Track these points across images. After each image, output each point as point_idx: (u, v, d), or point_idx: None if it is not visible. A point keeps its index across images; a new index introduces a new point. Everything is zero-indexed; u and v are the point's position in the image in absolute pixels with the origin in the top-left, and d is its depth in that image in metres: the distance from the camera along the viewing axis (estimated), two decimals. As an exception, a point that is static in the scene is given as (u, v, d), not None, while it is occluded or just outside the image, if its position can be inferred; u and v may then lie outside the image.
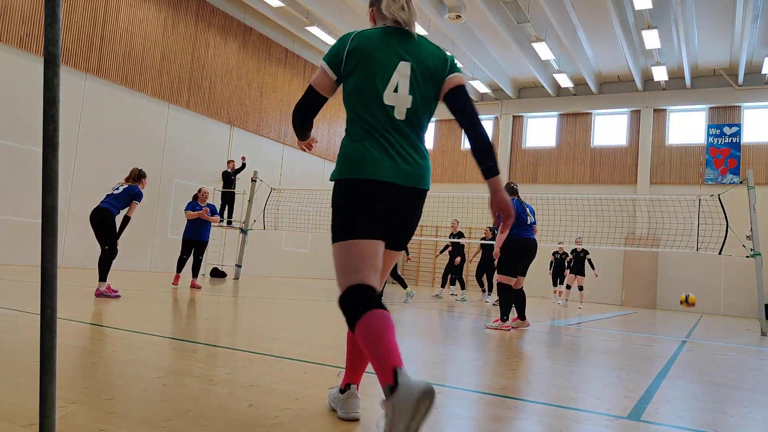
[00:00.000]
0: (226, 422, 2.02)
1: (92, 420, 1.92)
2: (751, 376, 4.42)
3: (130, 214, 6.55)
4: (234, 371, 2.95)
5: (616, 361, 4.70)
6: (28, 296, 5.89)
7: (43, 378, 1.43)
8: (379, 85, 2.07)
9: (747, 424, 2.70)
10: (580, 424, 2.46)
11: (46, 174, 1.44)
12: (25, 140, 11.47)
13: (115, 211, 6.56)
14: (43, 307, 1.43)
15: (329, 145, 20.73)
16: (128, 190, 6.59)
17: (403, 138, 2.07)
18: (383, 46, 2.11)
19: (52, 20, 1.44)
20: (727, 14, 15.13)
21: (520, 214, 6.32)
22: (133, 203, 6.57)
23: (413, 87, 2.08)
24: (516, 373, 3.73)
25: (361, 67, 2.10)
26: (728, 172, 18.80)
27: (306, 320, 6.22)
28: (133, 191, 6.58)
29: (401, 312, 8.05)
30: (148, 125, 14.13)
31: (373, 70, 2.08)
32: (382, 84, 2.07)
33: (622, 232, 17.69)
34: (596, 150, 20.98)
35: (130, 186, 6.64)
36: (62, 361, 2.74)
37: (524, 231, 6.30)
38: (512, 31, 16.28)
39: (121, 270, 12.80)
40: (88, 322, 4.33)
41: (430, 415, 1.61)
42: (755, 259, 9.06)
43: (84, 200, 12.64)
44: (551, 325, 7.96)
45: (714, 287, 18.48)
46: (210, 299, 7.64)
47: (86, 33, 12.68)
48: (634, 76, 18.67)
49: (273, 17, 16.23)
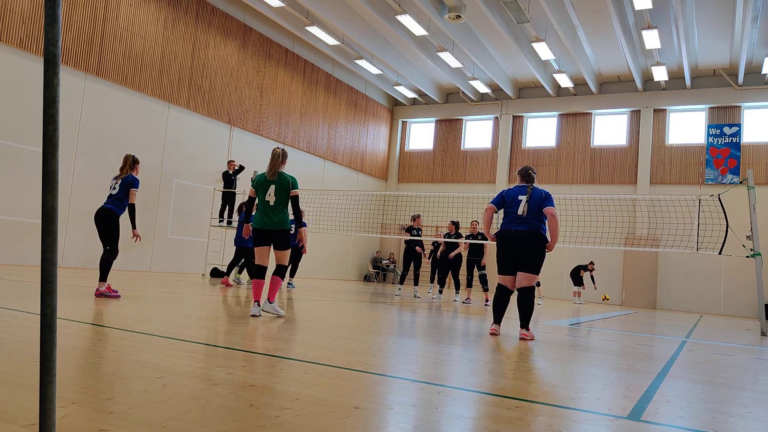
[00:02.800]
0: (226, 422, 2.02)
1: (92, 420, 1.92)
2: (751, 376, 4.42)
3: (132, 202, 6.49)
4: (234, 371, 2.95)
5: (616, 361, 4.70)
6: (28, 296, 5.89)
7: (43, 378, 1.42)
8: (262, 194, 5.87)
9: (747, 424, 2.70)
10: (580, 424, 2.46)
11: (46, 174, 1.44)
12: (25, 140, 11.47)
13: (119, 211, 6.51)
14: (43, 307, 1.43)
15: (329, 145, 20.74)
16: (123, 182, 6.51)
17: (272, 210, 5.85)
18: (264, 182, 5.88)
19: (52, 20, 1.44)
20: (727, 14, 15.14)
21: (508, 204, 5.78)
22: (132, 191, 6.49)
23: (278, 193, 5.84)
24: (516, 373, 3.73)
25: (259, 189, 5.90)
26: (728, 172, 18.81)
27: (306, 320, 6.21)
28: (128, 181, 6.50)
29: (399, 312, 8.04)
30: (148, 125, 14.13)
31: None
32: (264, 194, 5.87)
33: (622, 232, 17.70)
34: (596, 150, 20.98)
35: (124, 177, 6.56)
36: (62, 361, 2.74)
37: (508, 223, 5.71)
38: (512, 31, 16.27)
39: (121, 270, 12.79)
40: (88, 322, 4.33)
41: (430, 415, 1.60)
42: (755, 259, 9.06)
43: (84, 200, 12.65)
44: (551, 325, 7.95)
45: (714, 287, 18.48)
46: (210, 299, 7.64)
47: (86, 33, 12.68)
48: (634, 76, 18.67)
49: (273, 17, 16.23)
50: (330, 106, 20.70)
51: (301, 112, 19.19)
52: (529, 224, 5.62)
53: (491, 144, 22.84)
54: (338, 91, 21.04)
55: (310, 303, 8.48)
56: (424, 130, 24.54)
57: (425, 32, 16.16)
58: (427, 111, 24.01)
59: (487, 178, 22.46)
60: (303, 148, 19.38)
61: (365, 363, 3.57)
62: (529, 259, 5.59)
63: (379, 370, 3.41)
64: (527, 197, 5.70)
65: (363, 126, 22.63)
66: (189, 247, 15.36)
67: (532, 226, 5.61)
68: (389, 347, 4.42)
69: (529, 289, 5.61)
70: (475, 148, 23.12)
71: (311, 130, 19.76)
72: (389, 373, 3.38)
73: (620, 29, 15.26)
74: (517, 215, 5.69)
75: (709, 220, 10.53)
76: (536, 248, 5.60)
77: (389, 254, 23.60)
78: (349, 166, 21.88)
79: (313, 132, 19.88)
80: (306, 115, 19.44)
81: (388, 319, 6.83)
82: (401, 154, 24.58)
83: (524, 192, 5.76)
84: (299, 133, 19.17)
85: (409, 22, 15.51)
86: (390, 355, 4.06)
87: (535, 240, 5.58)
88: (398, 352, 4.27)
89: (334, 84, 20.76)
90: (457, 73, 20.22)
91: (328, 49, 18.55)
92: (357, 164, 22.38)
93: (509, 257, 5.66)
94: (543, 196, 5.70)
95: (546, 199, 5.69)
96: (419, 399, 2.71)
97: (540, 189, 5.80)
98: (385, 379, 3.14)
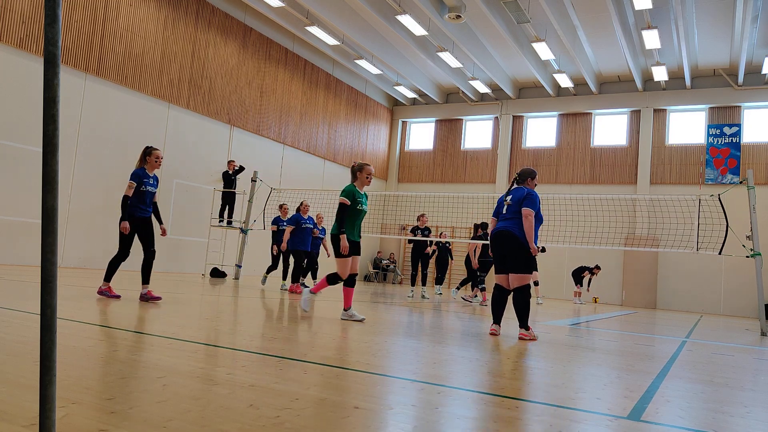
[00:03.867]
0: (226, 422, 2.02)
1: (92, 420, 1.92)
2: (751, 376, 4.42)
3: (125, 193, 6.24)
4: (234, 371, 2.95)
5: (616, 361, 4.70)
6: (28, 296, 5.89)
7: (43, 378, 1.43)
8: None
9: (747, 424, 2.70)
10: (580, 424, 2.46)
11: (46, 174, 1.44)
12: (25, 140, 11.47)
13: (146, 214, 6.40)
14: (43, 307, 1.43)
15: (329, 145, 20.74)
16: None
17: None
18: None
19: (52, 20, 1.44)
20: (727, 14, 15.14)
21: (499, 205, 5.92)
22: (128, 183, 6.26)
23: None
24: (516, 373, 3.73)
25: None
26: (728, 172, 18.81)
27: (306, 320, 6.22)
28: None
29: (395, 312, 8.05)
30: (148, 125, 14.13)
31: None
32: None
33: (622, 232, 17.70)
34: (596, 150, 20.98)
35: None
36: (62, 361, 2.74)
37: (497, 223, 5.84)
38: (512, 31, 16.28)
39: (121, 270, 12.78)
40: (88, 322, 4.33)
41: (430, 415, 1.60)
42: (755, 259, 9.06)
43: (84, 200, 12.65)
44: (551, 325, 7.95)
45: (714, 287, 18.48)
46: (210, 299, 7.64)
47: (86, 33, 12.68)
48: (634, 76, 18.67)
49: (273, 17, 16.23)
50: (330, 106, 20.69)
51: (301, 112, 19.19)
52: (510, 223, 5.67)
53: (491, 144, 22.83)
54: (338, 91, 21.04)
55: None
56: (424, 130, 24.54)
57: (425, 32, 16.16)
58: (427, 111, 24.01)
59: (487, 178, 22.46)
60: (303, 148, 19.38)
61: (365, 363, 3.57)
62: (515, 259, 5.61)
63: (379, 370, 3.41)
64: (510, 197, 5.80)
65: (363, 126, 22.63)
66: (189, 247, 15.36)
67: (511, 226, 5.65)
68: (389, 347, 4.42)
69: (520, 289, 5.61)
70: (475, 148, 23.12)
71: (311, 130, 19.76)
72: (389, 373, 3.37)
73: (620, 29, 15.26)
74: (503, 215, 5.81)
75: (709, 220, 10.53)
76: (516, 248, 5.60)
77: (389, 254, 23.60)
78: (349, 166, 21.86)
79: (313, 132, 19.88)
80: (306, 115, 19.44)
81: (388, 319, 6.83)
82: (401, 154, 24.58)
83: (510, 193, 5.88)
84: (299, 133, 19.18)
85: (409, 22, 15.51)
86: (390, 355, 4.06)
87: (513, 240, 5.60)
88: (398, 352, 4.27)
89: (334, 84, 20.76)
90: (457, 73, 20.21)
91: (328, 49, 18.55)
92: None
93: (498, 256, 5.77)
94: (523, 196, 5.71)
95: (526, 198, 5.68)
96: (419, 399, 2.71)
97: (524, 189, 5.80)
98: (385, 379, 3.14)
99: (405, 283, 22.46)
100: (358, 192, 6.12)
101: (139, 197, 6.32)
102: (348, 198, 6.02)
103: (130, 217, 6.29)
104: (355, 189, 6.10)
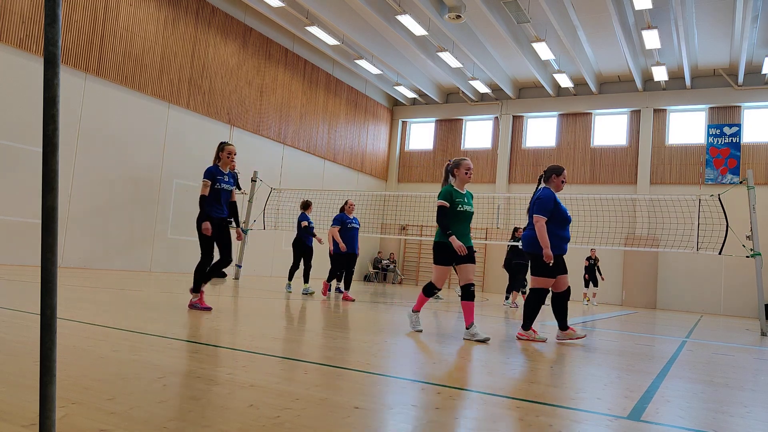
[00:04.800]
0: (226, 422, 2.02)
1: (92, 420, 1.92)
2: (751, 376, 4.42)
3: (201, 193, 5.93)
4: (234, 371, 2.95)
5: (616, 361, 4.70)
6: (28, 296, 5.89)
7: (43, 378, 1.43)
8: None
9: (747, 424, 2.70)
10: (580, 424, 2.46)
11: (46, 174, 1.44)
12: (25, 140, 11.46)
13: (222, 214, 6.07)
14: (43, 307, 1.43)
15: (329, 145, 20.73)
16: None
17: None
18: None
19: (52, 20, 1.44)
20: (727, 14, 15.13)
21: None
22: (202, 182, 5.98)
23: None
24: (516, 373, 3.73)
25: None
26: (728, 172, 18.80)
27: (306, 320, 6.21)
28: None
29: (393, 312, 8.04)
30: (148, 125, 14.12)
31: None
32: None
33: (622, 232, 17.69)
34: (596, 150, 20.98)
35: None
36: (62, 361, 2.74)
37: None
38: (512, 31, 16.27)
39: (121, 270, 12.80)
40: (88, 322, 4.33)
41: (430, 415, 1.60)
42: (755, 259, 9.06)
43: (84, 200, 12.65)
44: (551, 325, 7.95)
45: (714, 287, 18.48)
46: (210, 299, 7.64)
47: (86, 33, 12.68)
48: (634, 76, 18.67)
49: (273, 17, 16.23)
50: (330, 106, 20.69)
51: (301, 112, 19.19)
52: (528, 231, 5.68)
53: (491, 144, 22.83)
54: (338, 91, 21.04)
55: (311, 303, 8.48)
56: (424, 130, 24.54)
57: (425, 32, 16.16)
58: (427, 111, 24.01)
59: (487, 178, 22.46)
60: (303, 148, 19.37)
61: (365, 363, 3.57)
62: (532, 262, 5.63)
63: (379, 370, 3.41)
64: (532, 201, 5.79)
65: (363, 126, 22.63)
66: (189, 247, 15.35)
67: (530, 233, 5.64)
68: (389, 347, 4.42)
69: (533, 290, 5.60)
70: (475, 148, 23.11)
71: (311, 130, 19.75)
72: (389, 373, 3.37)
73: (620, 29, 15.26)
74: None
75: (709, 220, 10.54)
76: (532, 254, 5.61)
77: (389, 254, 23.60)
78: (349, 166, 21.88)
79: (313, 132, 19.88)
80: (306, 115, 19.44)
81: (388, 319, 6.83)
82: (401, 154, 24.58)
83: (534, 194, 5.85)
84: (299, 133, 19.17)
85: (409, 22, 15.51)
86: (390, 355, 4.05)
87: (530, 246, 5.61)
88: (398, 352, 4.27)
89: (334, 84, 20.76)
90: (457, 73, 20.21)
91: (328, 49, 18.55)
92: (357, 164, 22.38)
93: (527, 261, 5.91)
94: (534, 201, 5.65)
95: (535, 204, 5.61)
96: (419, 399, 2.71)
97: (545, 190, 5.69)
98: (385, 379, 3.14)
99: (405, 283, 22.46)
100: (457, 192, 5.43)
101: (214, 196, 5.96)
102: (446, 200, 5.34)
103: (207, 218, 5.89)
104: (454, 189, 5.43)
